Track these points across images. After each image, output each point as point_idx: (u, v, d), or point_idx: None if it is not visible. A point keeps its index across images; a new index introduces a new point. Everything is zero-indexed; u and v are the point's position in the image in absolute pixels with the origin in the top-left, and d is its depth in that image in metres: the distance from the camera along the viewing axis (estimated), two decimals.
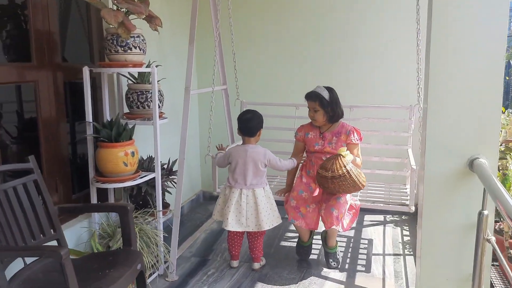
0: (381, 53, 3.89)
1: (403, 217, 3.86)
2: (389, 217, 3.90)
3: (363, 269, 2.98)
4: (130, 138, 2.60)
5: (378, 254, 3.19)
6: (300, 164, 3.15)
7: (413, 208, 2.96)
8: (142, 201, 2.89)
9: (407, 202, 3.07)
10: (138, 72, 2.81)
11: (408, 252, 3.22)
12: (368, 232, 3.59)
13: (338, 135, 3.00)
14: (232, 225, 2.84)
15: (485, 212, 1.61)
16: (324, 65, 4.03)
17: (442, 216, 1.81)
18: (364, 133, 3.08)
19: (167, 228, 2.91)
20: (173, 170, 3.09)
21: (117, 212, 2.25)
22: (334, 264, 3.01)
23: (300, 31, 4.07)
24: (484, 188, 1.61)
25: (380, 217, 3.89)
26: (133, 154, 2.57)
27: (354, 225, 3.01)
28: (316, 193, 2.95)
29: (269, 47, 4.17)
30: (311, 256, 3.14)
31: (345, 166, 2.71)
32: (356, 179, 2.73)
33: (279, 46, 4.14)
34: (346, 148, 2.83)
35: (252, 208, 2.85)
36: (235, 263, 3.02)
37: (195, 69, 4.20)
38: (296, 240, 3.20)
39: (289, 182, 3.15)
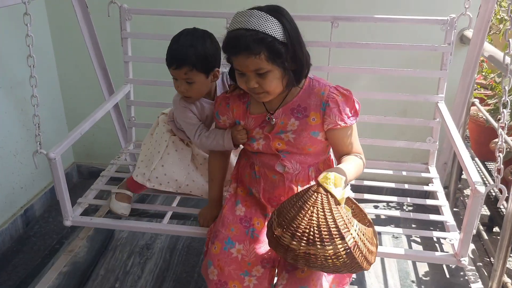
0: None
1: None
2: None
3: None
4: None
5: None
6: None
7: (465, 262, 1.37)
8: None
9: (452, 242, 1.47)
10: None
11: None
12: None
13: (301, 113, 1.30)
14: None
15: None
16: None
17: None
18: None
19: None
20: None
21: None
22: None
23: None
24: None
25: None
26: None
27: None
28: (262, 239, 1.35)
29: None
30: None
31: (349, 231, 1.06)
32: (362, 257, 1.08)
33: None
34: (333, 173, 1.11)
35: None
36: None
37: None
38: None
39: (214, 195, 1.52)
